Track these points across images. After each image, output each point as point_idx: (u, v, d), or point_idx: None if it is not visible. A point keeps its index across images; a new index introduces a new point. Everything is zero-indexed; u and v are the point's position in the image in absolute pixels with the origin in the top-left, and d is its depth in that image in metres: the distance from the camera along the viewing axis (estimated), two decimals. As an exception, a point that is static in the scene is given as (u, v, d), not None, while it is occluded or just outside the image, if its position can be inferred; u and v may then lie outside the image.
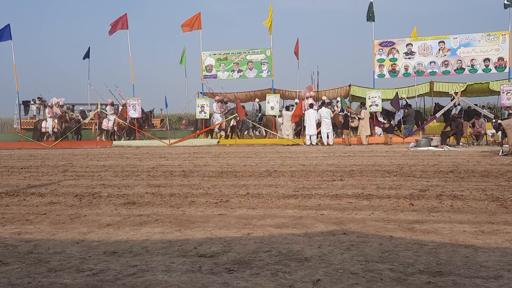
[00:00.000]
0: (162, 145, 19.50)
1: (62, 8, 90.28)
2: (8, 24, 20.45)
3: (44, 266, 3.47)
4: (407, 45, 18.63)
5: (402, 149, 14.54)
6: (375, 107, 18.47)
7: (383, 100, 19.59)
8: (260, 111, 21.00)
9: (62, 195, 6.79)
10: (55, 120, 21.09)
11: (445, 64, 18.27)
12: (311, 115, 17.73)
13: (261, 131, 20.78)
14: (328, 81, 41.85)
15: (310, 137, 17.76)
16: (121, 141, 20.74)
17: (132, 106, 20.70)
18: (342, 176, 8.07)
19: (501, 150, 12.29)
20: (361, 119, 18.00)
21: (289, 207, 5.54)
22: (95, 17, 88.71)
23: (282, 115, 19.30)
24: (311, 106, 18.19)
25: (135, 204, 5.98)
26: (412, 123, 18.72)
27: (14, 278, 3.21)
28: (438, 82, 20.78)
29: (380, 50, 18.86)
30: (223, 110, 20.45)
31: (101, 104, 21.95)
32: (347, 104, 19.89)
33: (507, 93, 17.21)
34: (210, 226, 4.66)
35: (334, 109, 18.98)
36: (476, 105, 19.29)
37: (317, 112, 17.90)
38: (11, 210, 5.77)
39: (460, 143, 15.84)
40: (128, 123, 21.20)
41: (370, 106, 18.40)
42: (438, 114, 18.43)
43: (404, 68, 18.66)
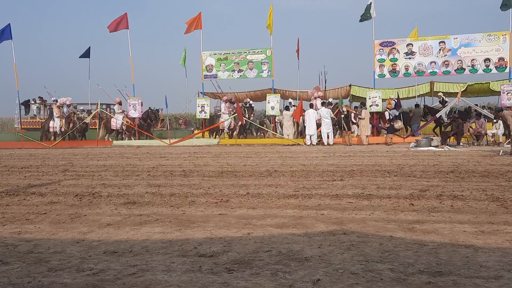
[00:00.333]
0: (162, 145, 19.51)
1: (62, 8, 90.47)
2: (9, 24, 20.52)
3: (44, 266, 3.47)
4: (408, 45, 18.61)
5: (403, 149, 14.54)
6: (375, 107, 18.47)
7: (402, 99, 19.68)
8: (253, 110, 20.87)
9: (62, 195, 6.79)
10: (63, 120, 21.00)
11: (446, 64, 18.26)
12: (311, 115, 17.73)
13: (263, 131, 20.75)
14: (329, 81, 41.59)
15: (311, 137, 17.77)
16: (124, 141, 20.56)
17: (132, 106, 20.68)
18: (342, 176, 8.06)
19: (502, 151, 12.30)
20: (362, 119, 18.00)
21: (289, 207, 5.54)
22: (95, 17, 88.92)
23: (283, 115, 19.30)
24: (311, 106, 18.19)
25: (135, 204, 5.99)
26: (418, 123, 18.73)
27: (14, 278, 3.20)
28: (439, 82, 20.82)
29: (381, 50, 18.85)
30: (231, 110, 20.33)
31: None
32: (346, 104, 19.87)
33: (508, 93, 17.22)
34: (210, 226, 4.66)
35: (342, 110, 18.87)
36: (477, 105, 19.29)
37: (317, 112, 17.90)
38: (11, 210, 5.77)
39: (461, 143, 15.84)
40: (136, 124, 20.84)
41: (371, 106, 18.40)
42: (439, 114, 18.43)
43: (405, 68, 18.65)
